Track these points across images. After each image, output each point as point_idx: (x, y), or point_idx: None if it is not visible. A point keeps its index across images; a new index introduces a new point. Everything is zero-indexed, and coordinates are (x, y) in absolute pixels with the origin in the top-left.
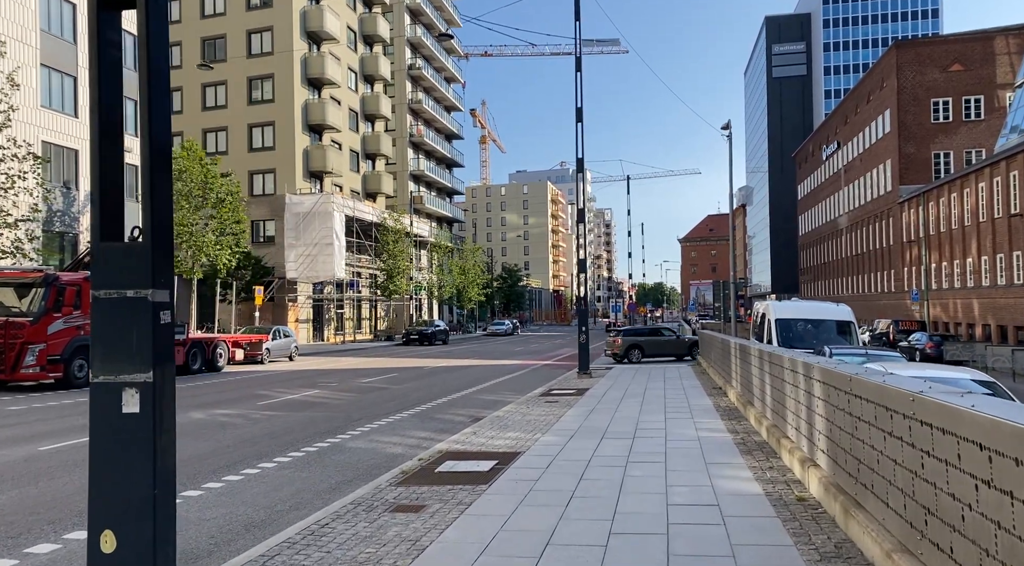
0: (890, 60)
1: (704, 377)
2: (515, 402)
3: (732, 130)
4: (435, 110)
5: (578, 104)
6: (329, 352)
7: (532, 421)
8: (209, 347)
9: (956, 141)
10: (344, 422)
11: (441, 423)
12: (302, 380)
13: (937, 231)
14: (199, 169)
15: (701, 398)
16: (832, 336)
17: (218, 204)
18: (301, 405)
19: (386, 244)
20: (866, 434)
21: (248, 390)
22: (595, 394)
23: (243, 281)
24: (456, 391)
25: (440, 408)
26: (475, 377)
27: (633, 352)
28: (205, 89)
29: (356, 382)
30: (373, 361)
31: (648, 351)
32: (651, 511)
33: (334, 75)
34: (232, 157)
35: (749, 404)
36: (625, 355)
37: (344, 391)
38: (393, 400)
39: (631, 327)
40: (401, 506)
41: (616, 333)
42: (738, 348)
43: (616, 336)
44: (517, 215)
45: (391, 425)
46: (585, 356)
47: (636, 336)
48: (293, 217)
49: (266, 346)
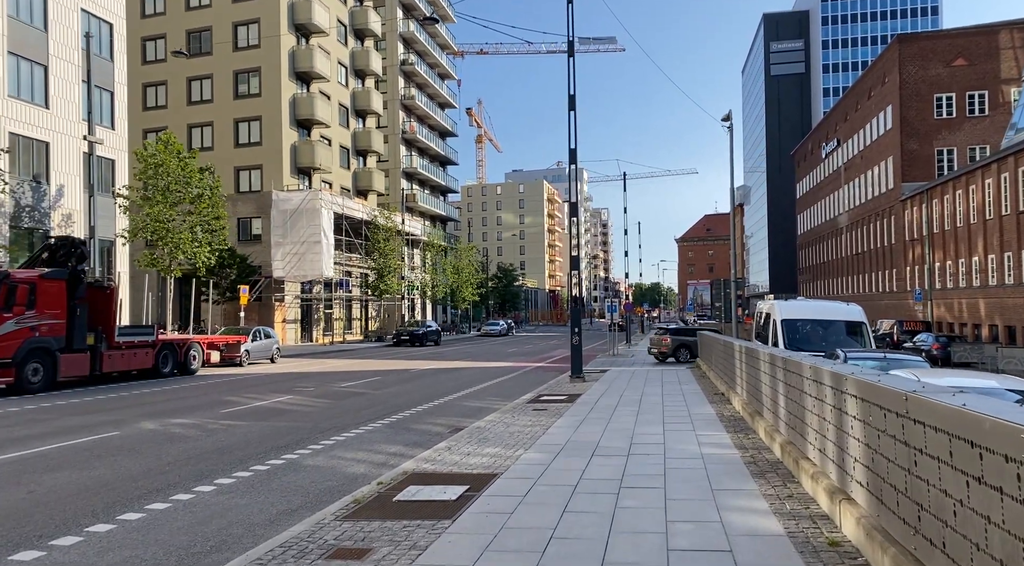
0: (892, 55)
1: (704, 381)
2: (500, 410)
3: (731, 126)
4: (428, 107)
5: (571, 91)
6: (315, 353)
7: (515, 434)
8: (181, 349)
9: (960, 137)
10: (309, 433)
11: (416, 435)
12: (278, 384)
13: (941, 229)
14: (176, 164)
15: (703, 406)
16: (842, 338)
17: (196, 200)
18: (267, 413)
19: (377, 242)
20: (933, 473)
21: (215, 396)
22: (587, 400)
23: (228, 280)
24: (440, 396)
25: (418, 417)
26: (462, 381)
27: (682, 352)
28: (190, 83)
29: (335, 387)
30: (359, 363)
31: (696, 351)
32: (648, 561)
33: (323, 69)
34: (218, 153)
35: (757, 415)
36: (673, 354)
37: (319, 397)
38: (370, 407)
39: (679, 326)
40: (341, 550)
41: (663, 331)
42: (744, 352)
43: (663, 334)
44: (513, 215)
45: (360, 438)
46: (578, 359)
47: (684, 336)
48: (280, 214)
49: (245, 348)
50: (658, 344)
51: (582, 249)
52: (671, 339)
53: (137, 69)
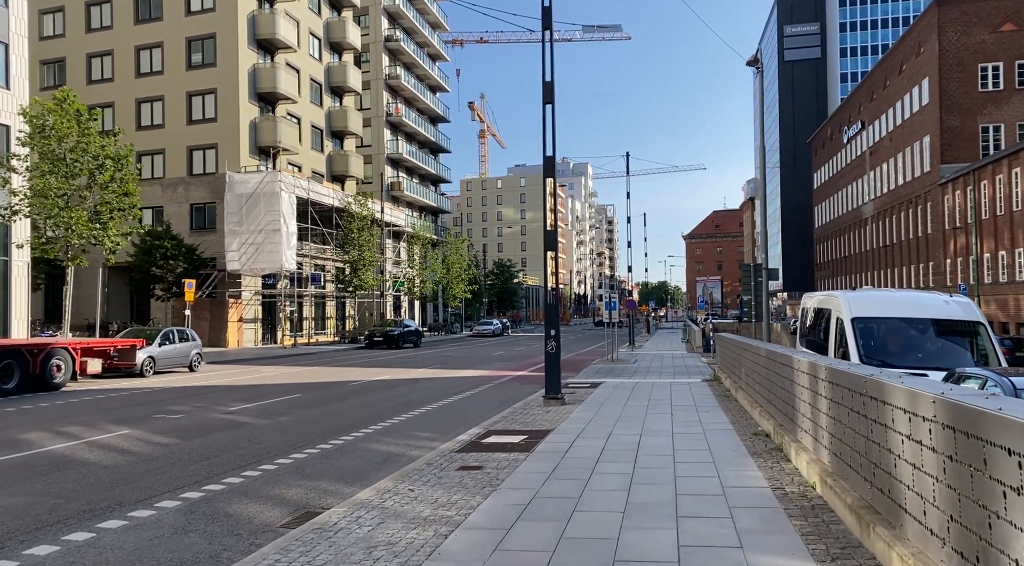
0: (930, 20)
1: (728, 402)
2: (402, 473)
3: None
4: (417, 89)
5: (546, 76)
6: (265, 359)
7: (380, 558)
8: (37, 357)
9: (1008, 112)
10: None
11: (176, 554)
12: (145, 407)
13: (992, 215)
14: (75, 128)
15: (743, 465)
16: (949, 346)
17: (97, 171)
18: (34, 469)
19: (350, 232)
20: None
21: (5, 432)
22: (554, 448)
23: (173, 274)
24: (348, 431)
25: (252, 487)
26: (411, 399)
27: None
28: (139, 53)
29: (217, 412)
30: (301, 373)
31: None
32: None
33: (288, 37)
34: (169, 130)
35: (879, 521)
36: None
37: (164, 433)
38: (209, 457)
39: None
40: None
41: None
42: (829, 380)
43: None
44: (514, 210)
45: (63, 556)
46: (555, 373)
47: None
48: (235, 199)
49: (147, 354)
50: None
51: (586, 246)
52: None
53: (80, 37)
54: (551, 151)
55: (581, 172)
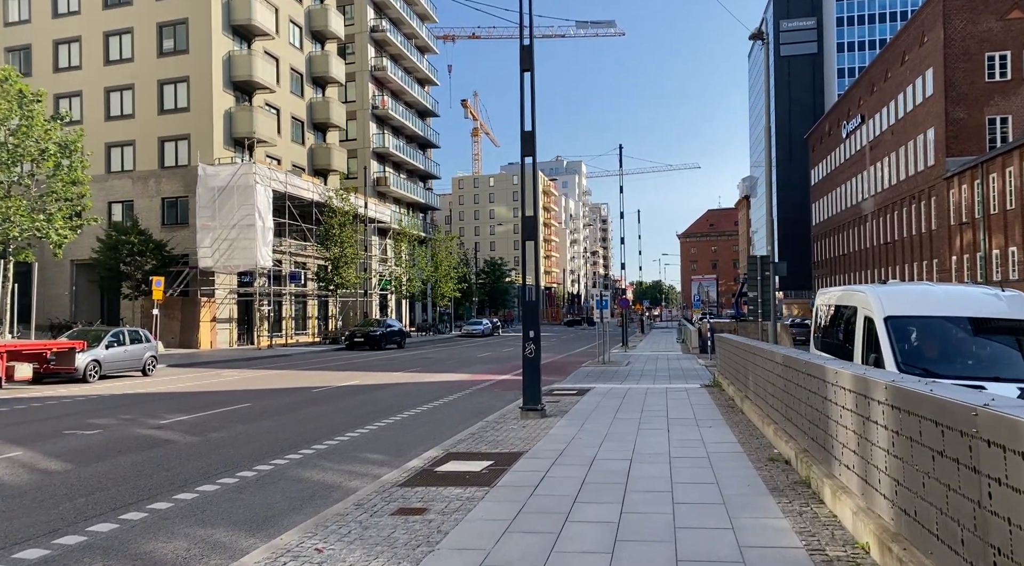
0: (935, 8)
1: (734, 415)
2: (319, 517)
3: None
4: (404, 82)
5: (524, 39)
6: (235, 361)
7: None
8: None
9: (1016, 103)
10: None
11: None
12: (60, 420)
13: (1002, 209)
14: (16, 110)
15: (763, 509)
16: (1006, 352)
17: (39, 158)
18: None
19: (331, 228)
20: None
21: None
22: (524, 478)
23: (142, 271)
24: (281, 453)
25: (122, 537)
26: (370, 411)
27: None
28: (108, 39)
29: (133, 429)
30: (260, 377)
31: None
32: None
33: (266, 23)
34: (140, 121)
35: None
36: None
37: (45, 458)
38: (86, 494)
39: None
40: None
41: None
42: (893, 404)
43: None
44: (507, 208)
45: None
46: (534, 380)
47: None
48: (208, 192)
49: (90, 357)
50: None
51: (580, 244)
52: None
53: (47, 23)
54: (530, 125)
55: (575, 170)
